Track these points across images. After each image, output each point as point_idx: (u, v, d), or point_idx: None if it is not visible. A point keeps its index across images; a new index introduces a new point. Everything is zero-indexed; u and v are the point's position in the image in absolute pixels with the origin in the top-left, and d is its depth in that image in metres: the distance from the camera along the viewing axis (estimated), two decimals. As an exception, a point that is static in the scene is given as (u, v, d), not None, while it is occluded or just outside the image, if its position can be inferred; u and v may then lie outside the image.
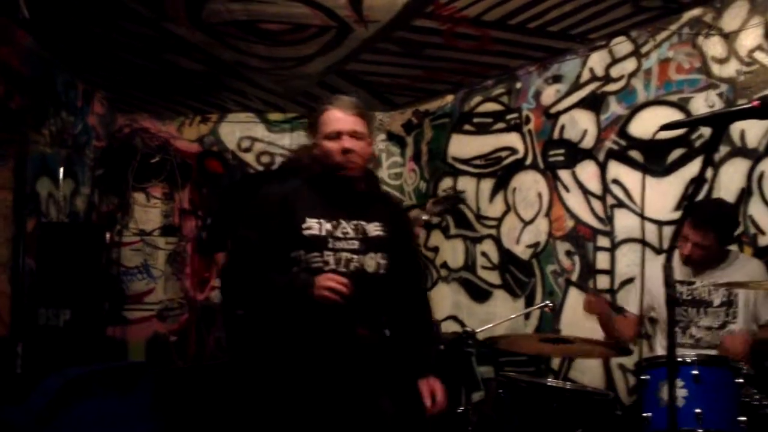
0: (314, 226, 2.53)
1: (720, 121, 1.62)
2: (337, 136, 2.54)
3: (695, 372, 2.56)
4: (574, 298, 4.72)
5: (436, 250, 5.81)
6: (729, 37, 3.89)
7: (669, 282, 1.63)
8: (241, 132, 6.21)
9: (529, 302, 4.97)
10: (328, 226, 2.54)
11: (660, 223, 4.14)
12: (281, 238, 2.54)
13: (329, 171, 2.57)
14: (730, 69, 3.88)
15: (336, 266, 2.52)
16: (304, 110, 6.15)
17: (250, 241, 2.59)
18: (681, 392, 2.56)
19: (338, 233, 2.55)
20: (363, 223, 2.61)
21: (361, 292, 2.50)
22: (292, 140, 6.17)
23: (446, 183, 5.73)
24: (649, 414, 2.58)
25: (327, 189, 2.61)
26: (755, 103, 1.56)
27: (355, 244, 2.57)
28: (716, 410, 2.52)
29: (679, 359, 2.67)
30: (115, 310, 5.77)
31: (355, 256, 2.56)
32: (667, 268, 1.62)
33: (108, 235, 5.50)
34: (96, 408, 3.33)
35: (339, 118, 2.56)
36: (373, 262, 2.59)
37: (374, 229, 2.62)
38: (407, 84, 5.46)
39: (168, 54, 4.77)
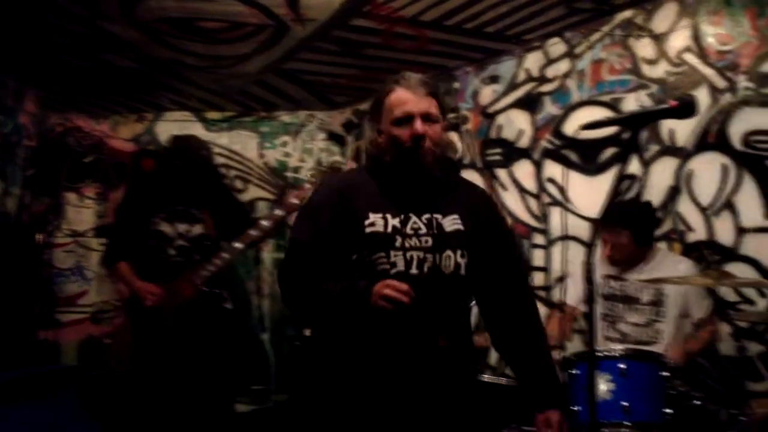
0: (378, 222, 2.17)
1: (639, 121, 1.66)
2: (408, 120, 2.18)
3: (622, 366, 2.62)
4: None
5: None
6: (659, 39, 3.99)
7: (589, 279, 1.66)
8: (178, 131, 6.03)
9: (468, 300, 5.00)
10: (395, 221, 2.17)
11: (593, 221, 4.22)
12: (340, 239, 2.19)
13: (399, 162, 2.20)
14: (660, 70, 3.98)
15: (406, 268, 2.15)
16: (242, 109, 6.10)
17: (302, 244, 2.26)
18: (608, 386, 2.61)
19: (408, 230, 2.17)
20: (437, 216, 2.22)
21: (439, 297, 2.17)
22: (230, 139, 6.11)
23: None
24: (578, 408, 2.62)
25: (394, 179, 2.24)
26: (673, 103, 1.61)
27: (429, 242, 2.18)
28: (643, 403, 2.58)
29: (607, 353, 2.73)
30: (47, 313, 5.62)
31: (429, 256, 2.17)
32: (588, 266, 1.65)
33: (39, 237, 5.36)
34: (26, 413, 3.25)
35: (409, 98, 2.20)
36: (450, 261, 2.20)
37: (451, 222, 2.23)
38: (346, 83, 5.46)
39: (102, 52, 4.67)
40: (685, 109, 1.59)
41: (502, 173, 4.89)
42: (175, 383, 3.73)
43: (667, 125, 3.91)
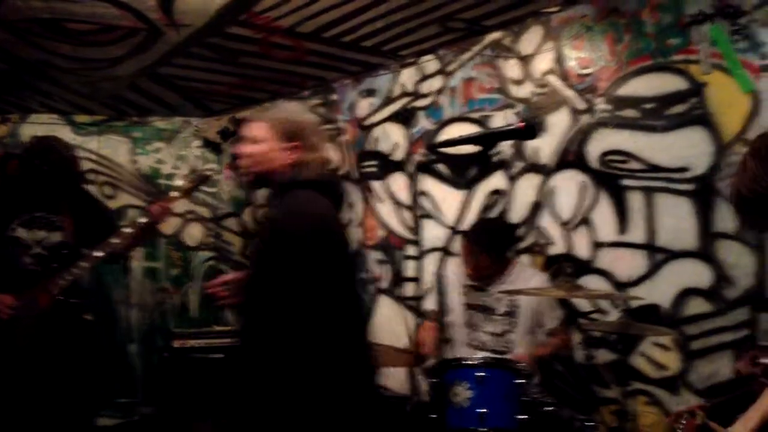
0: None
1: (489, 140, 1.76)
2: None
3: (480, 374, 2.72)
4: (384, 306, 4.86)
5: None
6: (525, 60, 4.17)
7: (440, 291, 1.72)
8: (45, 133, 5.83)
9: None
10: None
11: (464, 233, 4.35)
12: None
13: None
14: (526, 90, 4.16)
15: None
16: (114, 113, 5.91)
17: None
18: (466, 393, 2.70)
19: None
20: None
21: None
22: (100, 144, 5.90)
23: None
24: (442, 415, 2.69)
25: None
26: (520, 124, 1.70)
27: None
28: (498, 410, 2.69)
29: (467, 362, 2.83)
30: None
31: None
32: (439, 277, 1.71)
33: None
34: None
35: None
36: None
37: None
38: (223, 91, 5.41)
39: (-38, 50, 4.44)
40: (529, 131, 1.69)
41: (377, 185, 4.97)
42: (31, 396, 3.55)
43: (532, 144, 4.09)
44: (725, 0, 3.40)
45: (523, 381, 2.76)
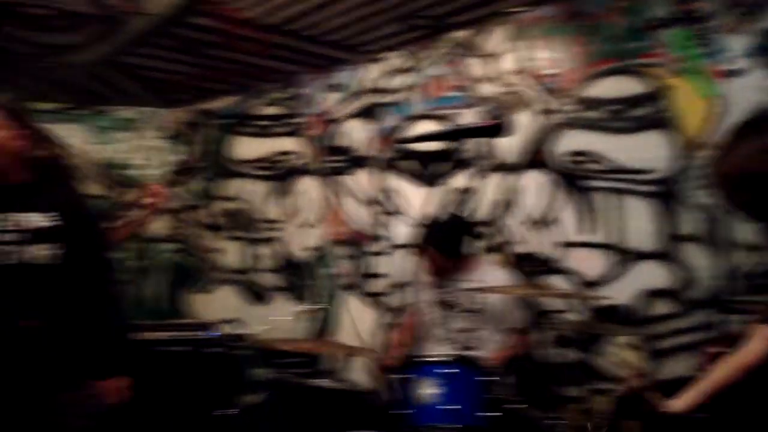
0: None
1: (456, 137, 1.74)
2: None
3: (448, 371, 2.70)
4: (351, 302, 4.84)
5: (216, 251, 5.71)
6: (491, 60, 4.16)
7: (411, 288, 1.69)
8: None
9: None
10: None
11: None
12: None
13: None
14: (491, 89, 4.15)
15: None
16: (75, 101, 5.75)
17: None
18: (434, 390, 2.68)
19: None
20: (24, 215, 2.59)
21: (27, 284, 2.54)
22: (61, 133, 5.73)
23: (228, 184, 5.66)
24: (408, 411, 2.67)
25: None
26: (488, 122, 1.69)
27: (17, 237, 2.57)
28: (466, 406, 2.68)
29: (434, 358, 2.82)
30: None
31: (17, 248, 2.56)
32: (416, 275, 1.68)
33: None
34: None
35: None
36: (40, 253, 2.58)
37: (39, 220, 2.60)
38: (187, 82, 5.31)
39: None
40: (496, 129, 1.67)
41: (343, 180, 4.93)
42: None
43: (499, 141, 4.09)
44: (688, 5, 3.43)
45: (489, 378, 2.76)
